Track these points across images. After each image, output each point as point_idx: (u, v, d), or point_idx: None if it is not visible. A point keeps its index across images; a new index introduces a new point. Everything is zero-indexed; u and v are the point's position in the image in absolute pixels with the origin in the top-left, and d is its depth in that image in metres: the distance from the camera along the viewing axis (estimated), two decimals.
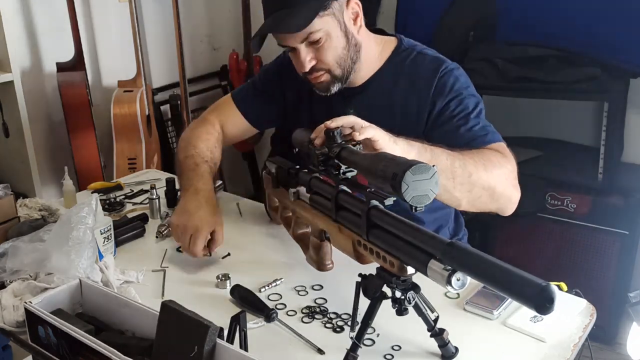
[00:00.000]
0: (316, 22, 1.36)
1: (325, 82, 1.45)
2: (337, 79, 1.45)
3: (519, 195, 1.35)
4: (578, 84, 2.27)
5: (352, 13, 1.43)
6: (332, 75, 1.44)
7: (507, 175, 1.32)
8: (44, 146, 2.63)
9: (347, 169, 1.10)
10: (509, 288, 0.76)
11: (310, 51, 1.41)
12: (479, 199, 1.28)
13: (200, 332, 0.94)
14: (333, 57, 1.42)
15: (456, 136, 1.38)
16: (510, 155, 1.37)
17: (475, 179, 1.25)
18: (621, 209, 2.32)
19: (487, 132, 1.39)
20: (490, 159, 1.30)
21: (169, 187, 1.75)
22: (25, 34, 2.49)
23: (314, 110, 1.57)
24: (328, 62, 1.42)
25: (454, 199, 1.27)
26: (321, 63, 1.42)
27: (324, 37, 1.39)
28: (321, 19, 1.36)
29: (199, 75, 3.25)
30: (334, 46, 1.41)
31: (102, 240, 1.38)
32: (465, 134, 1.38)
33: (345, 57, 1.43)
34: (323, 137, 1.13)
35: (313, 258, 1.25)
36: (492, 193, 1.28)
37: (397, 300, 1.00)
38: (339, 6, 1.39)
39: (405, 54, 1.51)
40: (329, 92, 1.47)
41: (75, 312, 1.18)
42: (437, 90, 1.44)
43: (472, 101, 1.43)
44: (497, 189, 1.29)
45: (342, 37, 1.41)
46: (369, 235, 1.01)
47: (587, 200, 2.37)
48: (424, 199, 0.91)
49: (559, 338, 1.14)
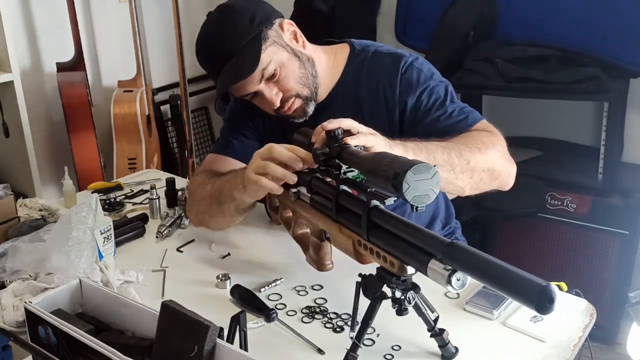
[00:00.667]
0: (264, 57, 1.35)
1: (300, 108, 1.43)
2: (308, 99, 1.43)
3: (515, 168, 1.35)
4: (578, 84, 2.27)
5: (289, 33, 1.42)
6: (302, 97, 1.42)
7: (501, 151, 1.31)
8: (44, 146, 2.63)
9: (348, 169, 1.10)
10: (509, 288, 0.76)
11: (273, 86, 1.39)
12: (480, 182, 1.29)
13: (200, 332, 0.94)
14: (295, 81, 1.40)
15: (439, 127, 1.37)
16: (496, 130, 1.37)
17: (474, 164, 1.25)
18: (621, 209, 2.32)
19: (466, 114, 1.38)
20: (482, 140, 1.30)
21: (169, 187, 1.75)
22: (25, 34, 2.49)
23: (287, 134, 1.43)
24: (292, 88, 1.40)
25: (458, 188, 1.28)
26: (287, 92, 1.40)
27: (278, 66, 1.37)
28: (266, 51, 1.35)
29: (199, 75, 3.24)
30: (290, 71, 1.39)
31: (102, 240, 1.38)
32: (447, 122, 1.37)
33: (305, 75, 1.42)
34: (323, 138, 1.13)
35: (313, 258, 1.25)
36: (492, 172, 1.29)
37: (397, 300, 0.99)
38: (275, 33, 1.39)
39: (361, 57, 1.48)
40: (306, 115, 1.45)
41: (75, 312, 1.18)
42: (403, 87, 1.42)
43: (442, 87, 1.42)
44: (496, 167, 1.29)
45: (293, 59, 1.40)
46: (370, 235, 1.01)
47: (587, 200, 2.37)
48: (425, 198, 0.91)
49: (559, 338, 1.14)
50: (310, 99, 1.43)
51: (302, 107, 1.43)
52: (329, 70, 1.48)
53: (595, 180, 2.36)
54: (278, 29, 1.40)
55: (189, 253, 1.50)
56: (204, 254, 1.49)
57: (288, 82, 1.39)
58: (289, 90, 1.40)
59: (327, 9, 2.77)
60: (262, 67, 1.35)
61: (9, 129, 2.35)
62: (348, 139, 1.09)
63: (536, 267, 2.44)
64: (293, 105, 1.42)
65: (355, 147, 1.09)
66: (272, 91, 1.39)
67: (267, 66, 1.36)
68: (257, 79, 1.36)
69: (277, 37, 1.39)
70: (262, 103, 1.43)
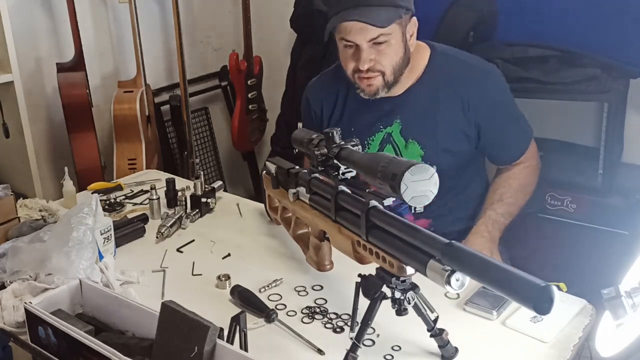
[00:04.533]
0: (391, 27, 1.46)
1: (375, 86, 1.54)
2: (387, 84, 1.54)
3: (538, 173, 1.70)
4: (578, 84, 2.27)
5: (411, 30, 1.53)
6: (385, 79, 1.53)
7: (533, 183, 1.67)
8: (44, 146, 2.63)
9: (347, 170, 1.10)
10: (508, 288, 0.76)
11: (372, 52, 1.49)
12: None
13: (201, 332, 0.94)
14: (390, 62, 1.51)
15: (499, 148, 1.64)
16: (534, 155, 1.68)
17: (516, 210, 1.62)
18: (621, 209, 2.32)
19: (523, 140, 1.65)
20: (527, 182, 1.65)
21: (169, 188, 1.75)
22: (25, 34, 2.49)
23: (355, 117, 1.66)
24: (385, 65, 1.51)
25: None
26: (379, 65, 1.50)
27: (389, 41, 1.48)
28: (394, 24, 1.47)
29: (199, 76, 3.24)
30: (394, 52, 1.50)
31: (102, 241, 1.38)
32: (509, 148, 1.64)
33: (399, 66, 1.53)
34: None
35: (313, 258, 1.25)
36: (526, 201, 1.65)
37: (396, 301, 1.00)
38: (406, 20, 1.51)
39: (441, 60, 1.60)
40: (375, 95, 1.56)
41: (76, 312, 1.18)
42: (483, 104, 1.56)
43: (512, 105, 1.64)
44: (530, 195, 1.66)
45: (401, 48, 1.51)
46: (369, 235, 1.01)
47: (587, 201, 2.37)
48: (423, 199, 0.91)
49: (559, 338, 1.15)
50: (389, 85, 1.55)
51: (377, 86, 1.54)
52: (412, 68, 1.59)
53: (595, 180, 2.35)
54: (409, 21, 1.52)
55: (189, 253, 1.50)
56: (204, 254, 1.49)
57: (385, 59, 1.50)
58: (381, 65, 1.51)
59: (326, 9, 2.76)
60: (383, 31, 1.46)
61: (9, 129, 2.35)
62: None
63: (536, 268, 2.43)
64: (373, 79, 1.53)
65: (353, 148, 1.09)
66: (369, 55, 1.49)
67: (385, 34, 1.47)
68: (371, 35, 1.47)
69: (405, 24, 1.51)
70: (351, 57, 1.52)
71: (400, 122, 1.60)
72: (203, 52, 3.29)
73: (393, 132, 1.61)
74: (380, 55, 1.50)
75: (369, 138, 1.63)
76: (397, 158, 0.94)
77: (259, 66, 3.24)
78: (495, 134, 1.60)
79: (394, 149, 1.61)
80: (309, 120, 1.75)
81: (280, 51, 3.27)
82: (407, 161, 0.91)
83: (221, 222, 1.67)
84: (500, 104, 1.61)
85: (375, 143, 1.63)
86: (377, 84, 1.53)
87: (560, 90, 2.32)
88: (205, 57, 3.30)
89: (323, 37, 1.55)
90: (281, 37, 3.26)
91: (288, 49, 3.08)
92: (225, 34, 3.35)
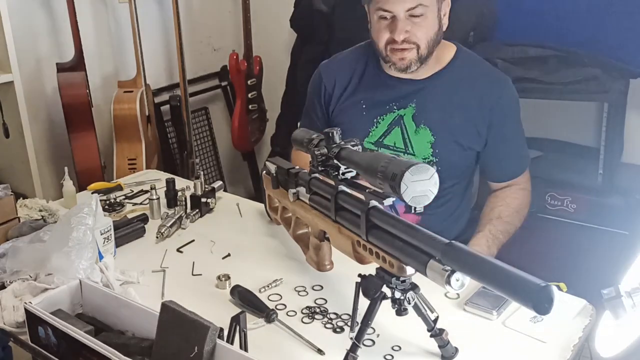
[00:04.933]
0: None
1: (409, 59, 1.54)
2: (420, 58, 1.55)
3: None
4: (578, 84, 2.27)
5: (444, 9, 1.56)
6: (419, 53, 1.54)
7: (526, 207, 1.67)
8: (44, 146, 2.63)
9: (347, 169, 1.10)
10: (508, 288, 0.76)
11: (408, 24, 1.50)
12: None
13: (201, 332, 0.94)
14: (425, 35, 1.52)
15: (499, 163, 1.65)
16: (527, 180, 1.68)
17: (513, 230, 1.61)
18: (621, 209, 2.32)
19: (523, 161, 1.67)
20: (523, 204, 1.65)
21: (169, 188, 1.75)
22: (25, 34, 2.49)
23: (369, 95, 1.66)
24: (420, 37, 1.52)
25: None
26: (414, 37, 1.52)
27: (425, 14, 1.49)
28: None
29: (199, 76, 3.24)
30: (429, 26, 1.52)
31: (102, 241, 1.38)
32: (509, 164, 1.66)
33: (433, 42, 1.54)
34: None
35: (313, 258, 1.25)
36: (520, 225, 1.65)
37: (396, 301, 0.99)
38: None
39: (466, 57, 1.64)
40: (408, 69, 1.57)
41: (75, 312, 1.18)
42: (498, 107, 1.59)
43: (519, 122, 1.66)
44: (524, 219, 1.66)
45: (436, 23, 1.53)
46: (369, 235, 1.01)
47: (587, 201, 2.37)
48: (423, 199, 0.91)
49: (559, 338, 1.15)
50: (421, 60, 1.55)
51: (411, 60, 1.55)
52: (435, 56, 1.59)
53: (595, 180, 2.35)
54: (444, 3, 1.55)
55: (189, 253, 1.50)
56: (204, 254, 1.49)
57: (420, 31, 1.51)
58: (416, 37, 1.52)
59: (327, 9, 2.76)
60: (422, 2, 1.48)
61: (9, 129, 2.35)
62: None
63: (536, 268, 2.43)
64: (407, 52, 1.53)
65: (353, 148, 1.09)
66: (405, 26, 1.50)
67: (423, 6, 1.48)
68: (408, 5, 1.48)
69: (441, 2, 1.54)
70: (386, 28, 1.53)
71: (415, 107, 1.61)
72: (203, 52, 3.29)
73: (405, 116, 1.61)
74: (416, 28, 1.50)
75: (379, 117, 1.64)
76: (397, 158, 0.94)
77: (259, 66, 3.24)
78: (502, 142, 1.61)
79: (402, 133, 1.61)
80: (316, 96, 1.74)
81: (280, 51, 3.27)
82: (407, 161, 0.91)
83: (221, 222, 1.67)
84: (513, 114, 1.63)
85: (385, 123, 1.63)
86: (411, 57, 1.54)
87: (560, 90, 2.32)
88: (205, 57, 3.30)
89: (323, 37, 1.56)
90: (281, 37, 3.26)
91: (288, 49, 3.08)
92: (225, 34, 3.35)
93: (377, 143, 1.64)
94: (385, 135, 1.63)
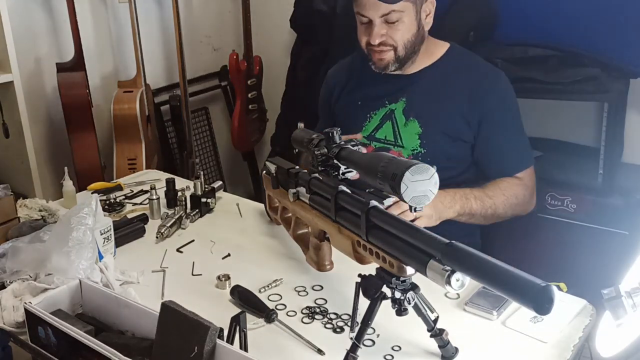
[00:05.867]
0: (402, 3, 1.52)
1: (386, 60, 1.60)
2: (398, 60, 1.60)
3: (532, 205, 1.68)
4: (578, 84, 2.27)
5: (427, 10, 1.60)
6: (396, 54, 1.59)
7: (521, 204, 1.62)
8: (44, 146, 2.63)
9: (347, 169, 1.10)
10: (508, 289, 0.76)
11: (384, 27, 1.55)
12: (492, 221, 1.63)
13: (200, 332, 0.94)
14: (402, 38, 1.57)
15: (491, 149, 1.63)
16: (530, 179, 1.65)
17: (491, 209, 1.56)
18: (621, 209, 2.31)
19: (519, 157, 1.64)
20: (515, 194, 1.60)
21: (169, 188, 1.75)
22: (25, 34, 2.49)
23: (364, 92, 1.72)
24: (396, 40, 1.57)
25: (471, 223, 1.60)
26: (390, 39, 1.57)
27: (401, 18, 1.54)
28: (405, 2, 1.53)
29: (199, 76, 3.24)
30: (406, 29, 1.56)
31: (102, 241, 1.38)
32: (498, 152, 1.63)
33: (412, 43, 1.58)
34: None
35: (313, 258, 1.25)
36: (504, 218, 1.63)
37: (396, 301, 0.99)
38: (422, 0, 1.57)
39: (458, 54, 1.68)
40: (386, 69, 1.62)
41: (75, 312, 1.18)
42: (489, 98, 1.60)
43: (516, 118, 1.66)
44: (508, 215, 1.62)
45: (414, 25, 1.57)
46: (369, 235, 1.01)
47: (587, 201, 2.36)
48: (423, 199, 0.91)
49: (559, 338, 1.15)
50: (399, 61, 1.60)
51: (389, 60, 1.60)
52: (428, 54, 1.66)
53: (595, 180, 2.35)
54: (426, 3, 1.59)
55: (189, 253, 1.50)
56: (204, 254, 1.49)
57: (397, 35, 1.56)
58: (393, 40, 1.57)
59: (327, 9, 2.76)
60: (393, 8, 1.52)
61: (9, 129, 2.35)
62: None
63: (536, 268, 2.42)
64: (385, 54, 1.59)
65: (353, 147, 1.09)
66: (381, 30, 1.56)
67: (396, 12, 1.53)
68: (382, 11, 1.53)
69: (421, 3, 1.57)
70: (364, 31, 1.59)
71: (405, 101, 1.65)
72: (203, 52, 3.29)
73: (396, 110, 1.65)
74: (392, 31, 1.55)
75: (372, 112, 1.69)
76: (397, 158, 0.94)
77: (259, 66, 3.24)
78: (494, 135, 1.61)
79: (392, 126, 1.65)
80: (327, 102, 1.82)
81: (280, 51, 3.27)
82: (407, 161, 0.91)
83: (221, 222, 1.67)
84: (507, 107, 1.64)
85: (377, 118, 1.68)
86: (388, 58, 1.59)
87: (560, 90, 2.31)
88: (205, 57, 3.30)
89: (323, 37, 1.57)
90: (281, 37, 3.26)
91: (288, 49, 3.08)
92: (225, 34, 3.35)
93: (369, 137, 1.69)
94: (378, 129, 1.68)
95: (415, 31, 1.58)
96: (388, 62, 1.60)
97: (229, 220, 1.68)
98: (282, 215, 1.41)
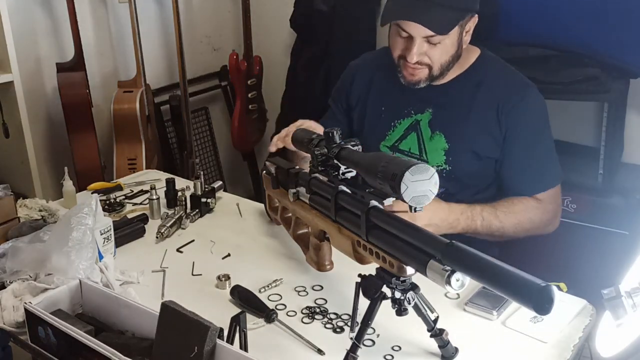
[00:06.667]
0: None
1: (419, 77, 1.53)
2: (430, 78, 1.54)
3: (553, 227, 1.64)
4: (578, 84, 2.27)
5: (469, 27, 1.53)
6: (430, 74, 1.53)
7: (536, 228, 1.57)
8: (44, 146, 2.63)
9: (347, 169, 1.10)
10: (508, 289, 0.76)
11: (424, 46, 1.48)
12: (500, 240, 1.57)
13: (200, 332, 0.94)
14: (439, 59, 1.51)
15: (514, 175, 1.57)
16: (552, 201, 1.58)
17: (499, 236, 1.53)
18: (621, 209, 2.31)
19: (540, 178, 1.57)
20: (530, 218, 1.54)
21: (169, 188, 1.75)
22: (25, 34, 2.49)
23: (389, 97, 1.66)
24: (434, 60, 1.51)
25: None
26: (427, 59, 1.50)
27: (443, 40, 1.47)
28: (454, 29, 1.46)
29: (199, 76, 3.25)
30: (445, 52, 1.50)
31: (102, 241, 1.38)
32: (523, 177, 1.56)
33: (448, 63, 1.53)
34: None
35: (313, 258, 1.25)
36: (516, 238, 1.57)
37: (396, 301, 0.99)
38: (467, 20, 1.51)
39: (489, 61, 1.61)
40: (417, 85, 1.56)
41: (75, 312, 1.18)
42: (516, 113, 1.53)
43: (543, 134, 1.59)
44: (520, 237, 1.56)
45: (455, 47, 1.51)
46: (369, 235, 1.01)
47: (587, 201, 2.36)
48: (424, 199, 0.91)
49: (559, 338, 1.15)
50: (432, 79, 1.55)
51: (420, 78, 1.54)
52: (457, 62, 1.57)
53: (595, 180, 2.35)
54: (470, 22, 1.52)
55: (189, 253, 1.50)
56: (204, 254, 1.49)
57: (435, 55, 1.50)
58: (430, 60, 1.51)
59: (327, 9, 2.76)
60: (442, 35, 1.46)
61: (9, 129, 2.35)
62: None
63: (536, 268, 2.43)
64: (419, 71, 1.53)
65: (353, 148, 1.09)
66: (421, 48, 1.49)
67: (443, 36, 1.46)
68: (428, 33, 1.45)
69: (465, 24, 1.51)
70: (401, 45, 1.52)
71: (431, 112, 1.59)
72: (203, 52, 3.29)
73: (422, 121, 1.60)
74: (432, 51, 1.49)
75: (396, 121, 1.63)
76: (397, 158, 0.94)
77: (259, 66, 3.24)
78: (519, 152, 1.55)
79: (417, 138, 1.60)
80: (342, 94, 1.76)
81: (280, 51, 3.27)
82: (407, 161, 0.91)
83: (221, 222, 1.67)
84: (534, 122, 1.56)
85: (401, 127, 1.63)
86: (422, 76, 1.53)
87: (560, 90, 2.31)
88: (205, 57, 3.30)
89: (323, 37, 1.56)
90: (281, 37, 3.26)
91: (288, 49, 3.08)
92: (225, 34, 3.35)
93: (392, 147, 1.63)
94: (402, 139, 1.62)
95: (454, 52, 1.51)
96: (420, 80, 1.54)
97: (229, 220, 1.68)
98: (282, 215, 1.41)
